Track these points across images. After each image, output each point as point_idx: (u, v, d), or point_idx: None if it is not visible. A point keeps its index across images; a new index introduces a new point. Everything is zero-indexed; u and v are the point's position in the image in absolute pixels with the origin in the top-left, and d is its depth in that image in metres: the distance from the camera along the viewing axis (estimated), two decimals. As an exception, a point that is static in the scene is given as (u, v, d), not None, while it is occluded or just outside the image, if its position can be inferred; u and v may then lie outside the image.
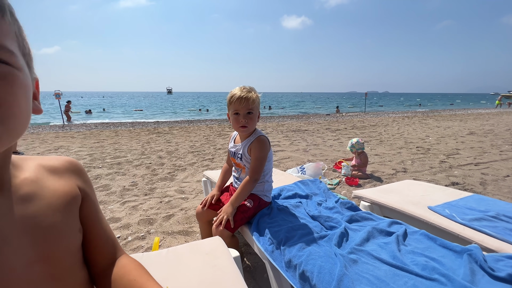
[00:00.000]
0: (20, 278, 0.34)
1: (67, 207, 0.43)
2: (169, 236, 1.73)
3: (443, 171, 3.14)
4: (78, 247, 0.45)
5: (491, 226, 1.13)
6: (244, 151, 1.29)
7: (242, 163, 1.32)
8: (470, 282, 0.75)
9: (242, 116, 1.21)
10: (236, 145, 1.35)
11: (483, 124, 7.96)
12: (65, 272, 0.41)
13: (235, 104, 1.20)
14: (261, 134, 1.29)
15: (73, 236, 0.43)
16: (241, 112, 1.21)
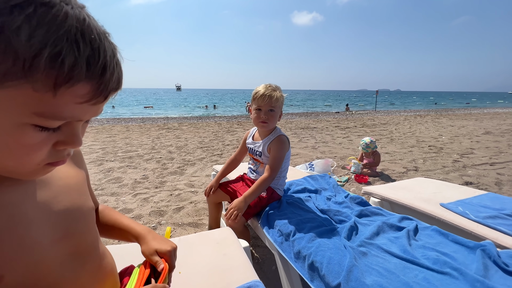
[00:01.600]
0: (48, 255, 0.36)
1: (80, 186, 0.45)
2: (179, 228, 1.78)
3: (456, 170, 3.06)
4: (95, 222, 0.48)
5: (506, 224, 1.11)
6: (264, 149, 1.32)
7: (260, 159, 1.36)
8: (483, 277, 0.74)
9: (264, 113, 1.25)
10: (255, 142, 1.38)
11: (500, 124, 7.68)
12: (87, 247, 0.44)
13: (258, 100, 1.24)
14: (282, 133, 1.32)
15: (89, 213, 0.46)
16: (263, 108, 1.25)
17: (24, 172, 0.31)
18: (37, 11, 0.23)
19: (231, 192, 1.43)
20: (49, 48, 0.23)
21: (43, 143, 0.29)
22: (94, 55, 0.26)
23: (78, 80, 0.26)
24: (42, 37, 0.23)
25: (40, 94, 0.25)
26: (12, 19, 0.22)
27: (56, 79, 0.24)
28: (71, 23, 0.24)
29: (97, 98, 0.29)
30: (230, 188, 1.45)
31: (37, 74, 0.23)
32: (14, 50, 0.22)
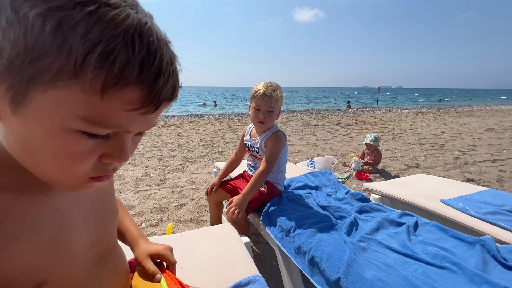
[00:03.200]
0: (80, 260, 0.37)
1: (111, 188, 0.46)
2: (181, 224, 1.79)
3: (457, 167, 3.05)
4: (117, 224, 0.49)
5: (506, 220, 1.11)
6: (261, 145, 1.33)
7: (258, 155, 1.37)
8: (482, 271, 0.74)
9: (262, 113, 1.24)
10: (252, 139, 1.39)
11: (502, 121, 7.63)
12: (109, 251, 0.44)
13: (258, 99, 1.23)
14: (279, 129, 1.33)
15: (116, 215, 0.47)
16: (262, 108, 1.24)
17: (67, 184, 0.30)
18: (99, 10, 0.22)
19: (232, 190, 1.44)
20: (102, 45, 0.22)
21: (88, 153, 0.27)
22: (149, 58, 0.24)
23: (127, 82, 0.24)
24: (98, 33, 0.22)
25: (87, 97, 0.23)
26: (72, 14, 0.21)
27: (105, 79, 0.23)
28: (130, 23, 0.23)
29: (147, 107, 0.26)
30: (230, 186, 1.46)
31: (86, 74, 0.22)
32: (69, 46, 0.21)
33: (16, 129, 0.25)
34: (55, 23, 0.21)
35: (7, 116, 0.25)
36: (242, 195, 1.23)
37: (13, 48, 0.21)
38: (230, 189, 1.44)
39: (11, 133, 0.26)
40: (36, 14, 0.21)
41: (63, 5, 0.21)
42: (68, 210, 0.35)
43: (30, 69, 0.22)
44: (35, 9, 0.21)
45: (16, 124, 0.25)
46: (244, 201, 1.22)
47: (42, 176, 0.29)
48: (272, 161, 1.27)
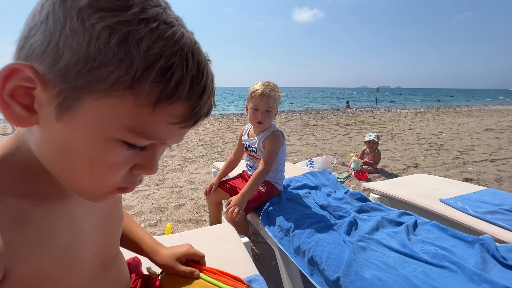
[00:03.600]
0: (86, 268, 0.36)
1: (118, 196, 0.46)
2: (180, 224, 1.79)
3: (456, 167, 3.06)
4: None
5: (505, 219, 1.11)
6: (259, 145, 1.33)
7: (257, 155, 1.37)
8: (481, 270, 0.74)
9: (260, 113, 1.24)
10: (250, 139, 1.38)
11: (500, 121, 7.66)
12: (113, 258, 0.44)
13: (256, 100, 1.22)
14: (277, 129, 1.33)
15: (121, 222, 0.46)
16: (260, 108, 1.24)
17: (94, 194, 0.30)
18: (159, 27, 0.24)
19: (230, 189, 1.44)
20: (162, 61, 0.23)
21: (124, 163, 0.28)
22: (198, 75, 0.26)
23: (179, 97, 0.25)
24: (159, 49, 0.23)
25: (138, 108, 0.24)
26: (138, 30, 0.23)
27: (160, 93, 0.24)
28: (186, 41, 0.25)
29: (188, 121, 0.28)
30: (229, 186, 1.46)
31: (143, 86, 0.23)
32: (131, 59, 0.22)
33: (56, 135, 0.25)
34: (121, 36, 0.22)
35: (48, 121, 0.25)
36: (241, 195, 1.22)
37: (73, 55, 0.22)
38: (229, 189, 1.44)
39: (49, 138, 0.26)
40: (104, 26, 0.22)
41: (130, 20, 0.23)
42: (80, 218, 0.34)
43: (87, 77, 0.22)
44: (104, 22, 0.22)
45: (58, 130, 0.25)
46: (243, 200, 1.22)
47: (70, 184, 0.29)
48: (271, 161, 1.27)
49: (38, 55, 0.23)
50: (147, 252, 0.58)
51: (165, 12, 0.25)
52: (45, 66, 0.23)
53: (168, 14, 0.25)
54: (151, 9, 0.24)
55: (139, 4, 0.23)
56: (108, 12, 0.22)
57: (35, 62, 0.23)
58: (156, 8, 0.24)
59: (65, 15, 0.22)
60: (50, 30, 0.22)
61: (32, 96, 0.24)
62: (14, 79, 0.23)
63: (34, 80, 0.23)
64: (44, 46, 0.22)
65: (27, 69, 0.23)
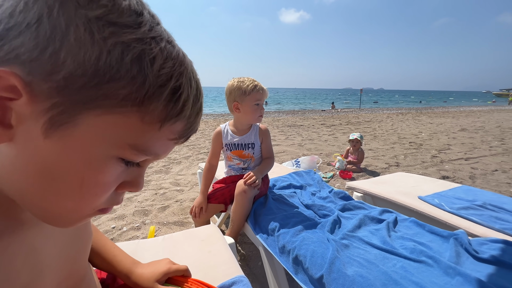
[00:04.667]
0: None
1: None
2: (164, 227, 1.75)
3: (434, 165, 3.21)
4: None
5: (477, 214, 1.18)
6: (256, 140, 1.34)
7: (251, 151, 1.34)
8: (455, 263, 0.78)
9: (261, 107, 1.27)
10: (242, 137, 1.34)
11: (474, 121, 8.12)
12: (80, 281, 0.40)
13: (257, 94, 1.23)
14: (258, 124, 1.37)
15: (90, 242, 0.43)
16: (261, 102, 1.26)
17: (72, 219, 0.27)
18: (167, 46, 0.24)
19: (223, 197, 1.34)
20: (173, 81, 0.24)
21: (114, 181, 0.27)
22: (197, 95, 0.28)
23: (184, 116, 0.26)
24: (170, 69, 0.24)
25: (144, 125, 0.24)
26: (151, 49, 0.23)
27: (169, 111, 0.25)
28: (188, 61, 0.27)
29: (184, 137, 0.29)
30: (219, 195, 1.35)
31: (154, 104, 0.24)
32: (144, 77, 0.22)
33: (40, 153, 0.22)
34: (136, 54, 0.22)
35: (29, 138, 0.22)
36: (258, 171, 1.26)
37: (78, 67, 0.20)
38: (221, 198, 1.34)
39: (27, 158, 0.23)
40: (118, 42, 0.21)
41: (143, 38, 0.22)
42: (40, 248, 0.30)
43: (92, 91, 0.21)
44: (117, 37, 0.21)
45: (43, 148, 0.22)
46: (261, 174, 1.26)
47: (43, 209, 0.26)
48: (272, 152, 1.37)
49: (24, 62, 0.20)
50: (122, 273, 0.54)
51: (165, 31, 0.26)
52: (36, 76, 0.20)
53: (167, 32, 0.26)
54: (156, 27, 0.24)
55: (148, 22, 0.23)
56: (121, 27, 0.21)
57: (19, 68, 0.20)
58: (159, 26, 0.25)
59: (68, 23, 0.20)
60: (46, 36, 0.20)
61: (7, 108, 0.20)
62: None
63: (18, 91, 0.20)
64: (36, 53, 0.20)
65: (10, 77, 0.19)
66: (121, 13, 0.22)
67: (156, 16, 0.25)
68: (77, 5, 0.20)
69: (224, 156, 1.42)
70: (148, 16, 0.24)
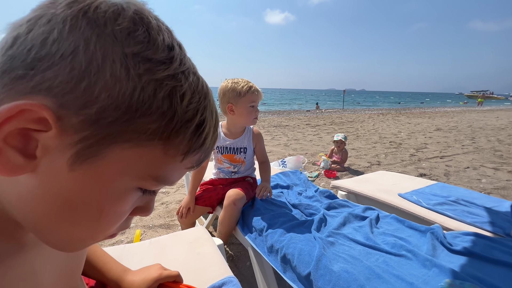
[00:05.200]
0: None
1: None
2: (150, 230, 1.71)
3: (412, 163, 3.37)
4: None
5: (451, 209, 1.26)
6: (249, 144, 1.33)
7: (243, 156, 1.33)
8: (431, 256, 0.83)
9: (256, 109, 1.26)
10: (234, 140, 1.32)
11: (448, 121, 8.61)
12: None
13: (253, 96, 1.20)
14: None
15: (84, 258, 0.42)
16: (256, 104, 1.25)
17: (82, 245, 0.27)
18: (193, 80, 0.24)
19: (210, 200, 1.32)
20: (199, 115, 0.24)
21: (130, 209, 0.27)
22: (216, 125, 0.28)
23: (205, 148, 0.27)
24: (196, 104, 0.24)
25: (168, 158, 0.24)
26: (182, 85, 0.23)
27: (193, 145, 0.25)
28: (210, 92, 0.26)
29: (197, 165, 0.29)
30: (206, 197, 1.32)
31: (179, 138, 0.24)
32: (174, 112, 0.22)
33: (63, 185, 0.22)
34: (167, 91, 0.22)
35: (53, 170, 0.21)
36: (266, 181, 1.31)
37: (112, 102, 0.20)
38: (209, 199, 1.33)
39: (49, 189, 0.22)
40: (152, 79, 0.21)
41: (174, 75, 0.23)
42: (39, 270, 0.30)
43: (123, 126, 0.21)
44: (151, 74, 0.21)
45: (66, 179, 0.21)
46: (268, 183, 1.31)
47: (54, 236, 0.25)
48: (266, 155, 1.39)
49: (57, 95, 0.19)
50: (112, 281, 0.53)
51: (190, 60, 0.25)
52: (68, 109, 0.19)
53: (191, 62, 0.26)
54: (184, 59, 0.24)
55: (178, 56, 0.23)
56: (155, 64, 0.21)
57: (50, 101, 0.19)
58: (186, 58, 0.25)
59: (104, 57, 0.20)
60: (81, 69, 0.19)
61: (33, 139, 0.20)
62: (17, 120, 0.18)
63: (49, 124, 0.19)
64: (70, 86, 0.19)
65: (41, 110, 0.18)
66: (156, 49, 0.22)
67: (182, 46, 0.25)
68: (114, 39, 0.20)
69: (214, 158, 1.40)
70: (177, 49, 0.24)
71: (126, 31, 0.21)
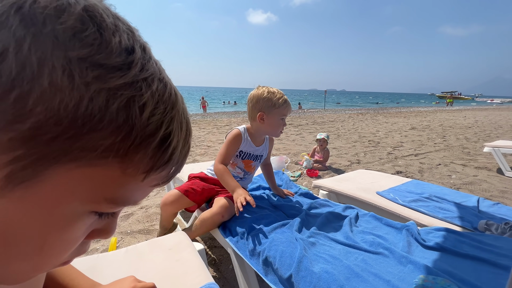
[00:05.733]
0: None
1: None
2: (128, 236, 1.64)
3: (390, 161, 3.52)
4: None
5: (425, 206, 1.32)
6: (265, 153, 1.37)
7: (257, 164, 1.36)
8: (407, 253, 0.87)
9: (284, 121, 1.25)
10: (258, 148, 1.33)
11: (422, 121, 9.09)
12: None
13: (286, 109, 1.21)
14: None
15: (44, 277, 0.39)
16: (285, 117, 1.25)
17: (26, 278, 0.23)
18: (158, 88, 0.20)
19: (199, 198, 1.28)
20: (163, 128, 0.21)
21: (83, 234, 0.23)
22: (186, 138, 0.24)
23: (172, 164, 0.23)
24: (160, 116, 0.20)
25: (126, 177, 0.21)
26: (142, 94, 0.19)
27: (157, 161, 0.21)
28: (179, 100, 0.23)
29: (166, 182, 0.25)
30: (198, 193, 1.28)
31: (139, 156, 0.20)
32: (131, 127, 0.19)
33: None
34: (123, 102, 0.18)
35: None
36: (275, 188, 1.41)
37: (51, 116, 0.16)
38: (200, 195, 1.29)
39: None
40: (104, 89, 0.17)
41: (133, 82, 0.19)
42: None
43: (66, 143, 0.17)
44: (102, 83, 0.17)
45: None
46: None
47: None
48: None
49: None
50: None
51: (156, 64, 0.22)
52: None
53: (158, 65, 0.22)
54: (148, 63, 0.20)
55: (140, 60, 0.20)
56: (107, 71, 0.18)
57: None
58: (151, 62, 0.21)
59: (41, 62, 0.16)
60: (11, 77, 0.16)
61: None
62: None
63: None
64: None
65: None
66: (110, 53, 0.18)
67: (147, 47, 0.22)
68: (55, 41, 0.16)
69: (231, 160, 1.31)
70: (139, 52, 0.20)
71: (71, 32, 0.17)
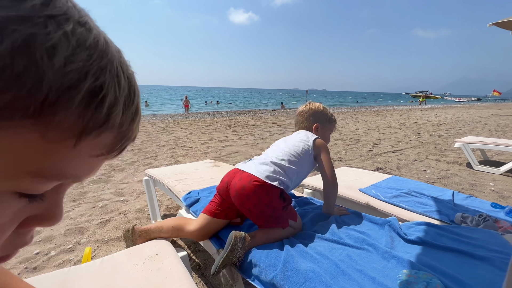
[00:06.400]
0: None
1: None
2: (105, 244, 1.54)
3: (369, 158, 3.63)
4: None
5: (405, 201, 1.36)
6: None
7: None
8: (390, 248, 0.88)
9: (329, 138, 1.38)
10: None
11: (398, 119, 9.52)
12: None
13: (335, 127, 1.40)
14: None
15: None
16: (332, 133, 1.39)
17: None
18: (76, 30, 0.16)
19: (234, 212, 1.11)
20: (90, 79, 0.16)
21: (11, 221, 0.19)
22: (131, 95, 0.20)
23: (113, 125, 0.19)
24: (83, 63, 0.16)
25: (50, 144, 0.16)
26: (47, 33, 0.15)
27: (87, 122, 0.17)
28: (113, 51, 0.19)
29: (117, 150, 0.21)
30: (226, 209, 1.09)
31: (61, 114, 0.16)
32: (39, 75, 0.14)
33: None
34: (19, 41, 0.14)
35: None
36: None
37: None
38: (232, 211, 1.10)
39: None
40: None
41: (31, 17, 0.14)
42: None
43: None
44: None
45: None
46: None
47: None
48: None
49: None
50: None
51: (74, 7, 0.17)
52: None
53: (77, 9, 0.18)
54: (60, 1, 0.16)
55: None
56: None
57: None
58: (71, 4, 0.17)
59: None
60: None
61: None
62: None
63: None
64: None
65: None
66: None
67: None
68: None
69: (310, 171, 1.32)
70: None
71: None
